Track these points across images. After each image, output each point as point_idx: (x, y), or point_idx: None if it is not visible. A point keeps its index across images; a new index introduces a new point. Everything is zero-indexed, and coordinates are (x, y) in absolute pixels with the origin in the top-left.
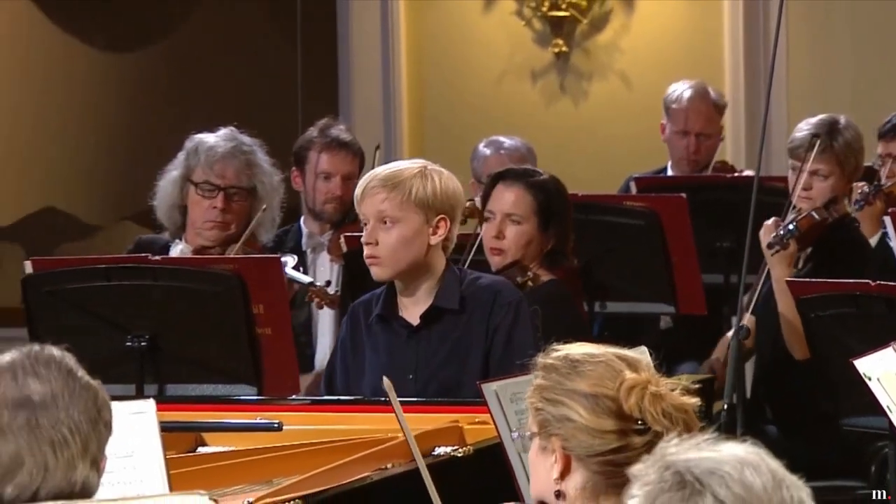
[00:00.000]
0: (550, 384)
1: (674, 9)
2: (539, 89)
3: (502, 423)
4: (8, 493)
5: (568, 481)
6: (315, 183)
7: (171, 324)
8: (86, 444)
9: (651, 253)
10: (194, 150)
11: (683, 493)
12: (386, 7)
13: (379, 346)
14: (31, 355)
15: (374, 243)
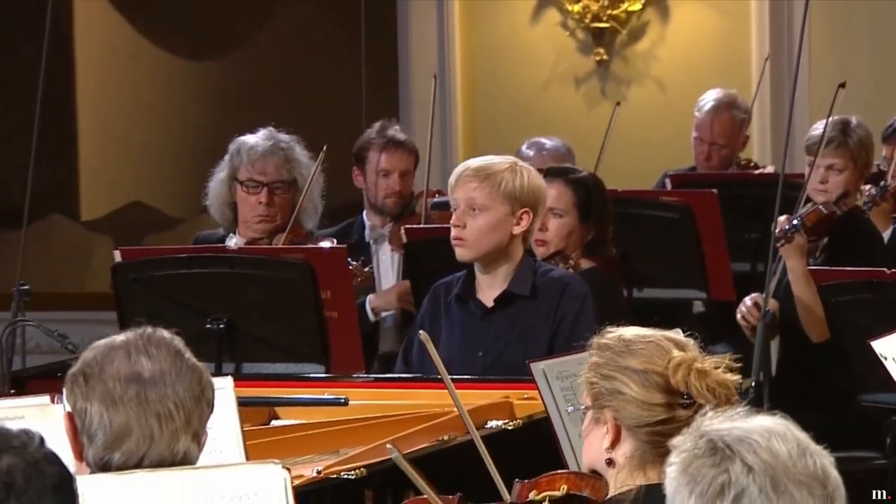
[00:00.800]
0: (604, 361)
1: (705, 20)
2: (582, 94)
3: (549, 399)
4: (116, 459)
5: (618, 450)
6: (376, 180)
7: (246, 308)
8: (189, 419)
9: (685, 243)
10: (237, 151)
11: (715, 458)
12: (442, 19)
13: (455, 324)
14: (144, 336)
15: (461, 226)
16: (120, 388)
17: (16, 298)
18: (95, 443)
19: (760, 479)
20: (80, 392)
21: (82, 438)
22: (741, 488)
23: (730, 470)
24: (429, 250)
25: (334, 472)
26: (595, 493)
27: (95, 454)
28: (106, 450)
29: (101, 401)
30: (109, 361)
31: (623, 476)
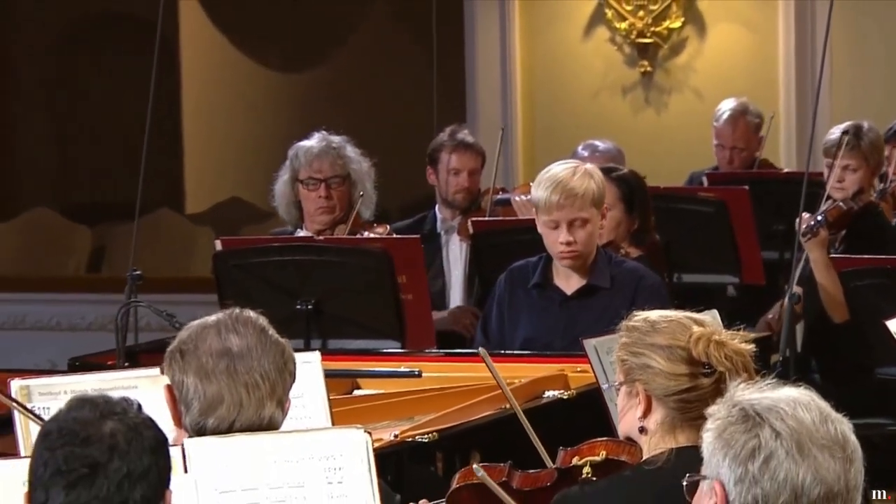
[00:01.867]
0: (633, 340)
1: (737, 36)
2: (628, 102)
3: (599, 372)
4: (210, 424)
5: (649, 418)
6: (447, 178)
7: (331, 291)
8: (273, 388)
9: (720, 234)
10: (295, 154)
11: (746, 425)
12: (504, 36)
13: (534, 308)
14: (233, 316)
15: (573, 241)
16: (212, 361)
17: (129, 282)
18: (192, 410)
19: (787, 443)
20: (177, 367)
21: (180, 407)
22: (770, 451)
23: (759, 435)
24: (492, 240)
25: (409, 436)
26: (631, 458)
27: (192, 420)
28: (201, 416)
29: (195, 373)
30: (202, 339)
31: (655, 441)
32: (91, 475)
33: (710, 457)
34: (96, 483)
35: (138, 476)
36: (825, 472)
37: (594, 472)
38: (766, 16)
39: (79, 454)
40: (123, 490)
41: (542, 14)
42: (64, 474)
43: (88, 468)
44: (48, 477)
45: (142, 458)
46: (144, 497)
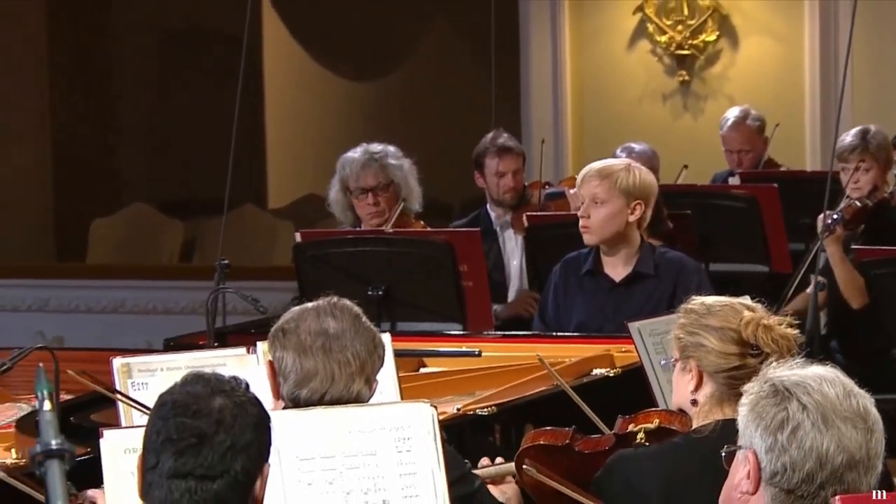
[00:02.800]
0: (690, 321)
1: (767, 48)
2: (668, 108)
3: (643, 352)
4: (304, 394)
5: (700, 392)
6: (494, 181)
7: (399, 278)
8: (363, 367)
9: (752, 227)
10: (342, 166)
11: (776, 398)
12: (556, 48)
13: (586, 294)
14: (331, 302)
15: (587, 217)
16: (310, 339)
17: (218, 271)
18: (289, 382)
19: (813, 415)
20: (279, 344)
21: (279, 380)
22: (797, 423)
23: (788, 408)
24: (546, 233)
25: (470, 410)
26: (682, 427)
27: (288, 391)
28: (296, 387)
29: (294, 349)
30: (303, 320)
31: (704, 412)
32: (198, 445)
33: (745, 428)
34: (202, 452)
35: (241, 449)
36: (848, 441)
37: (647, 438)
38: (792, 29)
39: (189, 425)
40: (226, 461)
41: (589, 28)
42: (174, 442)
43: (196, 438)
44: (160, 443)
45: (245, 433)
46: (245, 469)
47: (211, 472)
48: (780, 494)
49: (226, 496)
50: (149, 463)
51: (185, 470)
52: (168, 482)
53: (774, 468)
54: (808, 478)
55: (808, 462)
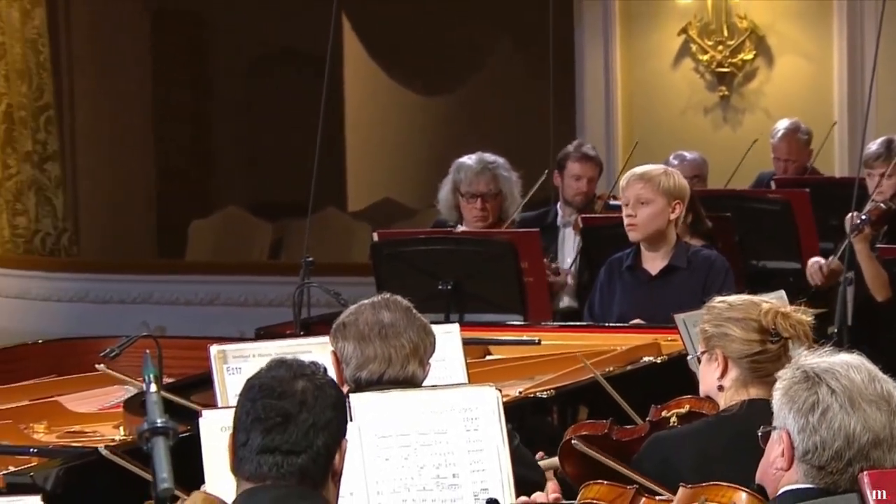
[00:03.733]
0: (713, 316)
1: (799, 66)
2: (709, 120)
3: (687, 340)
4: (364, 376)
5: (726, 377)
6: (570, 182)
7: (467, 274)
8: (415, 351)
9: (785, 228)
10: (457, 169)
11: (807, 384)
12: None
13: (627, 287)
14: (385, 298)
15: (633, 216)
16: (367, 329)
17: (303, 267)
18: (350, 367)
19: (840, 398)
20: (340, 335)
21: (343, 366)
22: (826, 405)
23: (818, 392)
24: (599, 234)
25: (531, 393)
26: (711, 410)
27: (350, 374)
28: (357, 370)
29: (354, 338)
30: (361, 313)
31: (730, 394)
32: (283, 423)
33: (778, 411)
34: (287, 430)
35: (321, 426)
36: (873, 422)
37: (679, 422)
38: (822, 48)
39: (275, 406)
40: (309, 437)
41: (638, 48)
42: (262, 421)
43: (282, 417)
44: (249, 423)
45: (325, 412)
46: (325, 444)
47: (295, 447)
48: (811, 470)
49: (309, 469)
50: (239, 440)
51: (273, 446)
52: (257, 457)
53: (806, 447)
54: (837, 455)
55: (837, 441)
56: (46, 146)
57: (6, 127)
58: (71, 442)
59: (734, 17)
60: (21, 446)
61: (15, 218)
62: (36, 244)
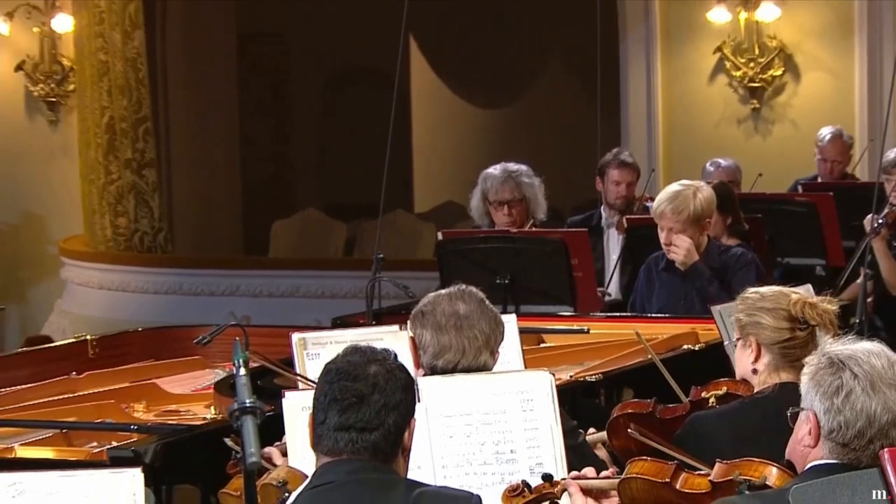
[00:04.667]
0: (747, 307)
1: (823, 81)
2: (741, 130)
3: (723, 329)
4: (440, 364)
5: (759, 362)
6: (611, 187)
7: (522, 269)
8: (487, 342)
9: (811, 228)
10: (483, 180)
11: (832, 369)
12: (650, 83)
13: (663, 285)
14: (460, 289)
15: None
16: (444, 319)
17: (375, 263)
18: (427, 354)
19: (862, 382)
20: (418, 323)
21: (420, 353)
22: (849, 389)
23: (842, 377)
24: (640, 233)
25: (580, 377)
26: (745, 392)
27: (427, 361)
28: (434, 358)
29: (431, 328)
30: (438, 304)
31: (763, 378)
32: (358, 404)
33: (806, 393)
34: (361, 410)
35: (392, 407)
36: (892, 403)
37: (717, 402)
38: (844, 66)
39: (350, 388)
40: (381, 416)
41: (677, 66)
42: (338, 401)
43: (356, 398)
44: (327, 403)
45: (395, 394)
46: (396, 423)
47: (369, 425)
48: (836, 448)
49: (381, 444)
50: (318, 419)
51: (348, 424)
52: (334, 434)
53: (831, 426)
54: (860, 434)
55: (860, 421)
56: (144, 154)
57: (109, 137)
58: (167, 420)
59: (765, 38)
60: (123, 423)
61: (116, 219)
62: (135, 242)
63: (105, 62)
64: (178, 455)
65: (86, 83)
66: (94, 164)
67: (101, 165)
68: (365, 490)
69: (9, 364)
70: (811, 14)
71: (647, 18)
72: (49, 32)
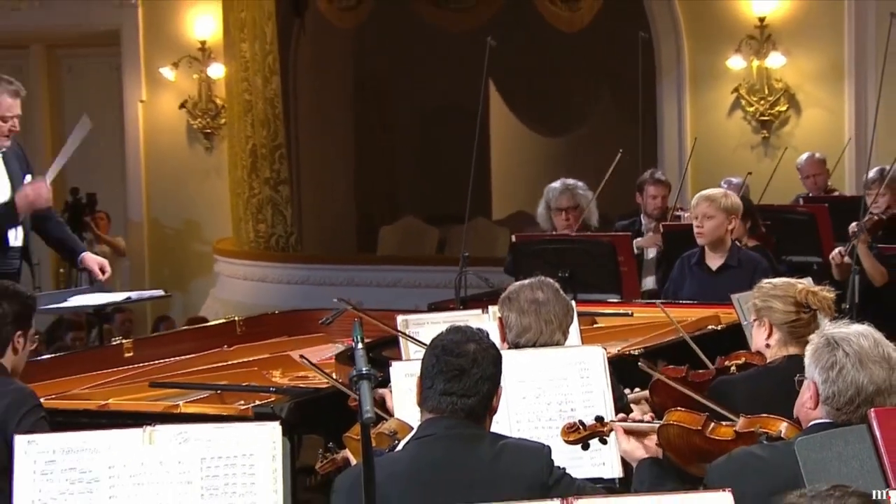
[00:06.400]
0: (762, 294)
1: (819, 115)
2: (754, 155)
3: (740, 313)
4: (522, 342)
5: (771, 339)
6: (648, 200)
7: (579, 265)
8: (560, 324)
9: (810, 232)
10: (547, 192)
11: (828, 348)
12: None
13: (695, 279)
14: (539, 280)
15: (701, 227)
16: (527, 305)
17: (462, 260)
18: (512, 333)
19: (852, 359)
20: (505, 307)
21: (506, 331)
22: (842, 364)
23: (836, 354)
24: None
25: (625, 351)
26: (760, 362)
27: (511, 339)
28: (517, 337)
29: (516, 311)
30: (521, 291)
31: (774, 351)
32: (459, 375)
33: (808, 366)
34: (462, 380)
35: (486, 378)
36: (876, 377)
37: (737, 370)
38: (837, 104)
39: (452, 362)
40: (478, 386)
41: (702, 103)
42: (444, 373)
43: (458, 371)
44: (434, 373)
45: (489, 367)
46: (488, 390)
47: (468, 392)
48: (831, 411)
49: (475, 408)
50: (426, 385)
51: (451, 391)
52: (439, 397)
53: (827, 394)
54: (850, 401)
55: (850, 391)
56: (279, 174)
57: (252, 160)
58: (298, 383)
59: (772, 80)
60: (264, 386)
61: (257, 225)
62: (272, 244)
63: (249, 101)
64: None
65: (234, 118)
66: (240, 181)
67: (246, 183)
68: (460, 442)
69: (174, 339)
70: (810, 62)
71: (678, 65)
72: (206, 78)
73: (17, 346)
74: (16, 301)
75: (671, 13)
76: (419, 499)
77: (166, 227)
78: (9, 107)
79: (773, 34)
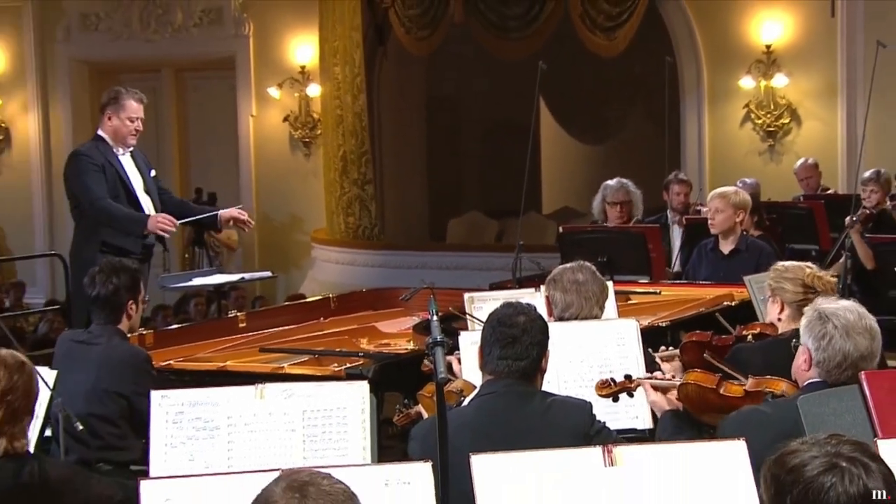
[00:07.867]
0: (776, 276)
1: (816, 126)
2: (761, 160)
3: (751, 291)
4: (566, 316)
5: (782, 314)
6: (673, 197)
7: (616, 252)
8: (598, 300)
9: (808, 224)
10: (603, 188)
11: (820, 321)
12: (700, 128)
13: (709, 262)
14: (579, 264)
15: (713, 219)
16: (569, 285)
17: (517, 248)
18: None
19: (840, 331)
20: (551, 286)
21: (553, 307)
22: (831, 335)
23: (826, 326)
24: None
25: (654, 324)
26: (773, 332)
27: (557, 313)
28: (562, 312)
29: (560, 290)
30: (565, 273)
31: (785, 324)
32: (513, 342)
33: (803, 334)
34: (515, 347)
35: (535, 343)
36: (860, 345)
37: (753, 338)
38: (831, 116)
39: (506, 332)
40: (529, 350)
41: (718, 116)
42: (499, 341)
43: (511, 339)
44: (492, 341)
45: (537, 335)
46: (538, 354)
47: (520, 356)
48: (822, 373)
49: (527, 369)
50: (485, 351)
51: (506, 355)
52: (496, 361)
53: (818, 359)
54: (838, 366)
55: (838, 357)
56: (365, 176)
57: (343, 164)
58: (382, 349)
59: (777, 97)
60: (354, 352)
61: (347, 218)
62: (360, 234)
63: (340, 115)
64: (389, 373)
65: (328, 129)
66: (333, 182)
67: (338, 183)
68: (515, 398)
69: (278, 313)
70: (809, 82)
71: (698, 85)
72: (305, 96)
73: (130, 312)
74: (125, 274)
75: (692, 41)
76: (482, 445)
77: (273, 221)
78: (135, 110)
79: (777, 59)
